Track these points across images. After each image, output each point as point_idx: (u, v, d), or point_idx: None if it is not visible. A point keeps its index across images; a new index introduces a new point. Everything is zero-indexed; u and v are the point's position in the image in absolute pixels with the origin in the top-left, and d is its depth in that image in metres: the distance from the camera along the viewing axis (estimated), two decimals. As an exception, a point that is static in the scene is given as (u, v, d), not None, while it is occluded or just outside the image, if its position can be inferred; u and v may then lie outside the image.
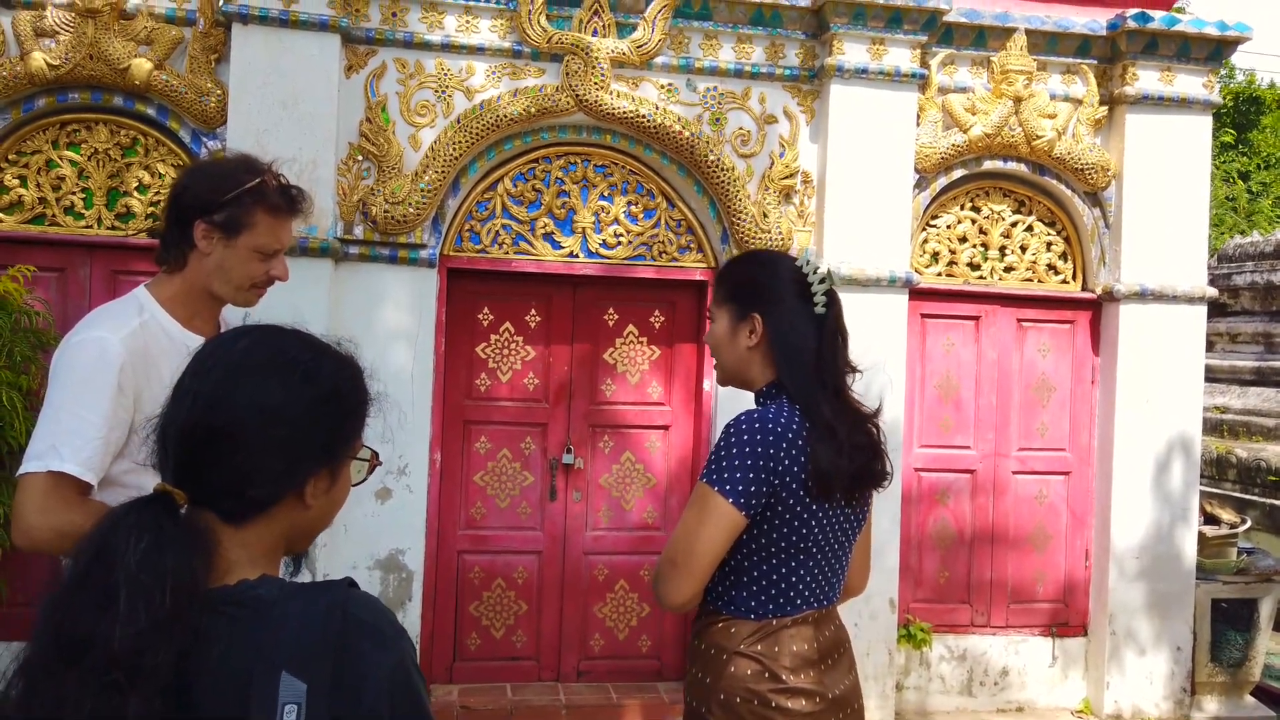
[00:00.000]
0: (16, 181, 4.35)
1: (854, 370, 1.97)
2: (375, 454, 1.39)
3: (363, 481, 1.39)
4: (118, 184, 4.42)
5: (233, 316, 2.25)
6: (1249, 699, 5.19)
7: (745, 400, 1.99)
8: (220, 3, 4.31)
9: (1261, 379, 8.77)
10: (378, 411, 1.34)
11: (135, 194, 4.44)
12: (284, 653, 1.07)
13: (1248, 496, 7.82)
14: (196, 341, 1.87)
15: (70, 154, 4.39)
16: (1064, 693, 5.19)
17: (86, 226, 4.39)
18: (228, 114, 4.30)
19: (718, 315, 2.00)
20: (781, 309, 1.91)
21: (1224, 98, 20.03)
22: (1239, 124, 20.60)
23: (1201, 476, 8.39)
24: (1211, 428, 9.06)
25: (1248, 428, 8.51)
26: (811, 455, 1.81)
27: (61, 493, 1.90)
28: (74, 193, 4.39)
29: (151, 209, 4.42)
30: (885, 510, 4.77)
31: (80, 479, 1.91)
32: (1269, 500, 7.58)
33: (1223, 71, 20.09)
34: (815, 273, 1.94)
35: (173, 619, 1.06)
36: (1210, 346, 9.89)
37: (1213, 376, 9.59)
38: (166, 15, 4.34)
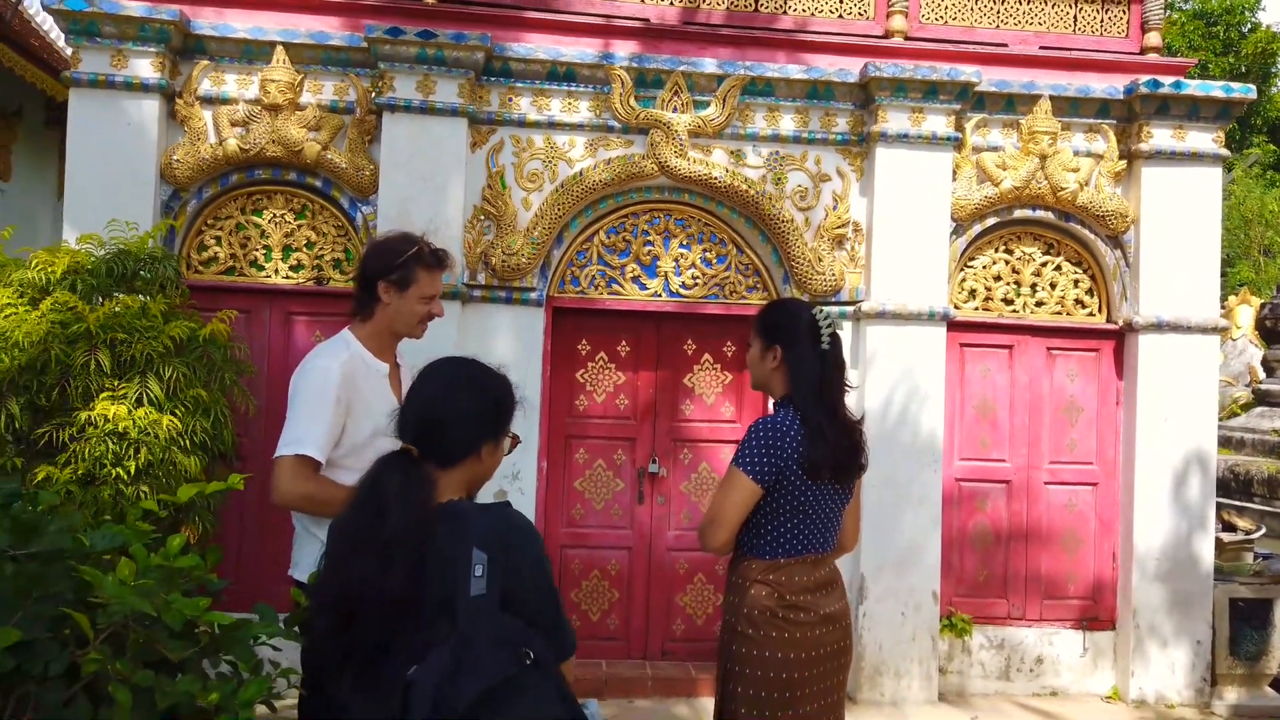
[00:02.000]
0: (214, 241, 5.45)
1: (849, 389, 2.79)
2: (517, 436, 2.29)
3: (510, 452, 2.29)
4: (291, 242, 5.48)
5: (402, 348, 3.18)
6: (1269, 690, 5.73)
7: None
8: (373, 96, 5.35)
9: (1317, 403, 9.14)
10: (519, 409, 2.24)
11: (304, 250, 5.49)
12: (475, 537, 1.95)
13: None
14: (384, 368, 3.01)
15: (255, 218, 5.48)
16: (1094, 681, 5.81)
17: (266, 276, 5.46)
18: (379, 185, 5.32)
19: (753, 342, 2.85)
20: (797, 346, 2.74)
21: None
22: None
23: (1253, 495, 8.86)
24: (1269, 450, 9.47)
25: (1302, 450, 8.90)
26: (805, 449, 2.64)
27: (303, 469, 2.83)
28: (257, 249, 5.46)
29: (317, 261, 5.47)
30: (926, 514, 5.51)
31: (314, 459, 2.84)
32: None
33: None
34: (825, 321, 2.77)
35: (418, 521, 1.96)
36: (1271, 372, 10.28)
37: (1274, 401, 9.99)
38: (331, 106, 5.39)
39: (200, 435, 4.39)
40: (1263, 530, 5.97)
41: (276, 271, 5.47)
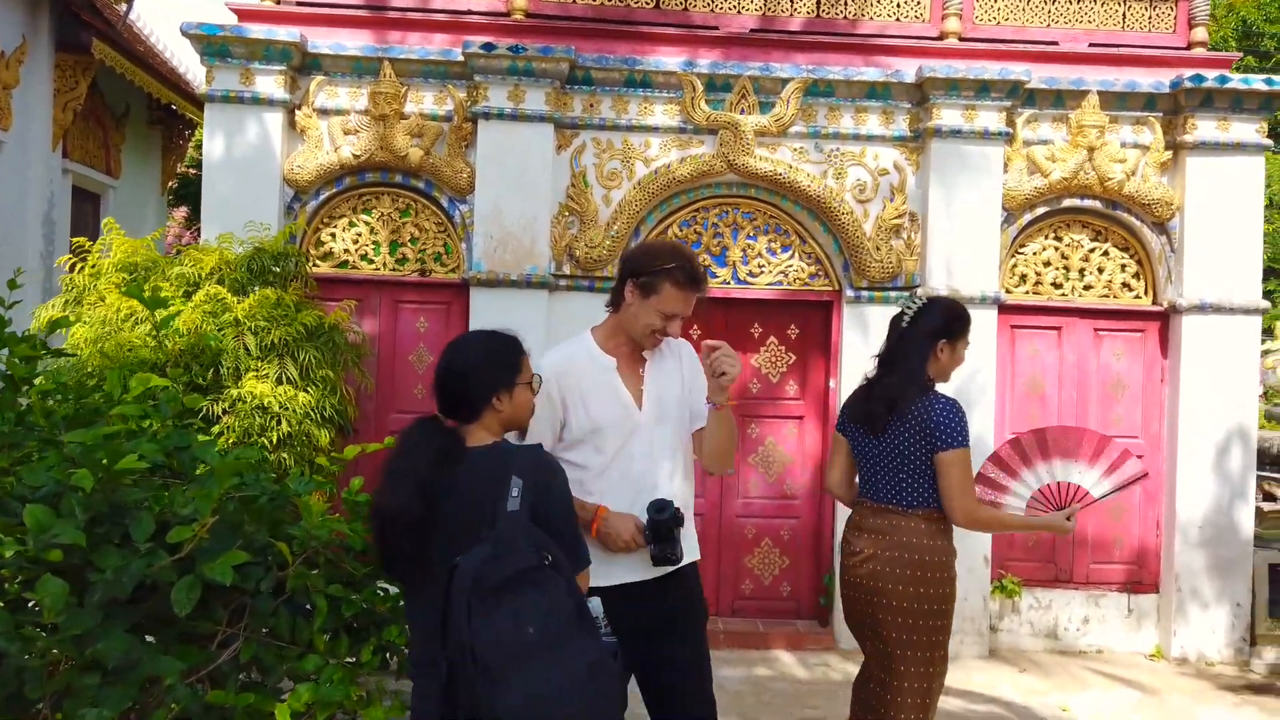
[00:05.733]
0: (329, 238, 6.10)
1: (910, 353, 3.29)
2: (538, 376, 2.74)
3: (536, 392, 2.78)
4: (396, 237, 6.11)
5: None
6: (1308, 652, 6.05)
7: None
8: (469, 105, 5.93)
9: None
10: (529, 356, 2.71)
11: (408, 245, 6.11)
12: (514, 467, 2.48)
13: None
14: (610, 362, 2.95)
15: (365, 217, 6.11)
16: (1138, 640, 6.20)
17: (375, 269, 6.09)
18: (475, 185, 5.90)
19: None
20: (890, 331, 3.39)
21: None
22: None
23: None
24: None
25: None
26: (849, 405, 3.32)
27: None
28: (367, 245, 6.10)
29: (420, 255, 6.09)
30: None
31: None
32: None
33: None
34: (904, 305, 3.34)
35: (435, 465, 2.46)
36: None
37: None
38: (431, 115, 5.98)
39: (330, 411, 5.03)
40: (1302, 500, 6.27)
41: (385, 264, 6.11)
